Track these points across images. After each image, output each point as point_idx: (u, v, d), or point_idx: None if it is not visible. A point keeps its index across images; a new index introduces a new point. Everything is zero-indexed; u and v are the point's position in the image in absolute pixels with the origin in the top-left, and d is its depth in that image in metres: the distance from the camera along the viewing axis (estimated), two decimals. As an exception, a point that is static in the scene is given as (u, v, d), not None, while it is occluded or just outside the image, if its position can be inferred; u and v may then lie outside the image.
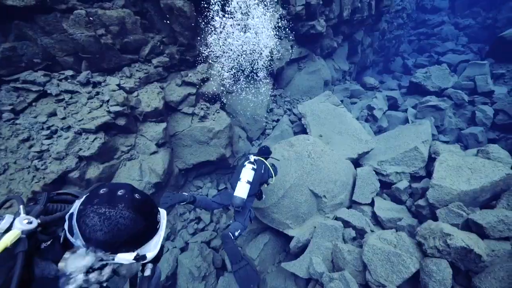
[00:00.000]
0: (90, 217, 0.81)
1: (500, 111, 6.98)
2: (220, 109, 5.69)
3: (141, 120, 4.48)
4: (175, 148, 5.26)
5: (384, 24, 12.05)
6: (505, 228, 3.28)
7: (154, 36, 4.55)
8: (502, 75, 8.42)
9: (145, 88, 4.55)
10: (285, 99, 8.45)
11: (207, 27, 4.65)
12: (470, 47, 12.74)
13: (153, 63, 4.63)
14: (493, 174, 3.83)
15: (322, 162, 4.85)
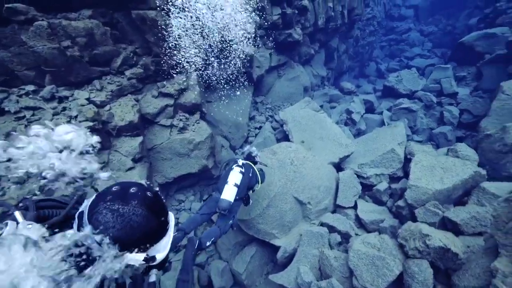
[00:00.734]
0: (103, 214, 0.81)
1: (465, 110, 7.52)
2: (200, 120, 5.56)
3: (115, 135, 4.23)
4: (153, 162, 5.03)
5: (357, 32, 12.67)
6: (477, 224, 3.47)
7: (126, 47, 4.37)
8: (464, 78, 9.13)
9: (118, 101, 4.32)
10: (266, 106, 8.49)
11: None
12: (434, 52, 13.75)
13: (126, 75, 4.43)
14: (463, 172, 4.06)
15: (305, 168, 4.88)
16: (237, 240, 4.81)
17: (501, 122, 5.25)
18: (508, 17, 9.52)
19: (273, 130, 7.45)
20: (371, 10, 13.87)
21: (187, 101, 5.17)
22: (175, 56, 4.68)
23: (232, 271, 4.59)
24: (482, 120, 5.98)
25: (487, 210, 3.52)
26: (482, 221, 3.45)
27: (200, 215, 3.44)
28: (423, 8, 16.75)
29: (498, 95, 5.75)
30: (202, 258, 4.88)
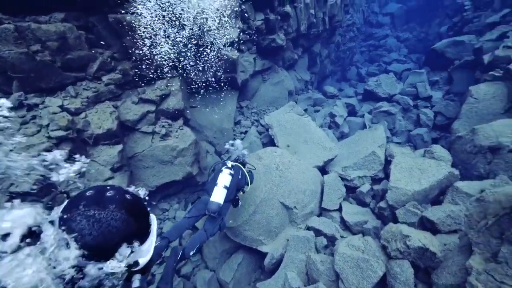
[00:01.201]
0: (76, 221, 0.76)
1: (438, 113, 7.97)
2: (184, 125, 5.43)
3: (92, 143, 4.02)
4: (135, 170, 4.83)
5: (338, 37, 13.10)
6: (452, 222, 3.65)
7: (103, 51, 4.18)
8: (437, 82, 9.71)
9: (95, 108, 4.12)
10: (252, 110, 8.49)
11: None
12: (410, 57, 14.53)
13: (103, 81, 4.23)
14: (438, 173, 4.27)
15: (291, 173, 4.91)
16: (224, 248, 4.72)
17: (471, 124, 5.61)
18: (474, 25, 10.28)
19: (259, 135, 7.45)
20: (351, 17, 14.43)
21: (170, 107, 5.04)
22: (155, 61, 4.55)
23: (219, 281, 4.49)
24: (454, 122, 6.36)
25: (460, 209, 3.72)
26: (457, 219, 3.63)
27: (187, 218, 3.35)
28: (399, 16, 17.70)
29: (467, 98, 6.15)
30: (188, 268, 4.73)
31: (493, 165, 4.38)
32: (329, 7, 9.65)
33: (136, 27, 4.10)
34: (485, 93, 5.83)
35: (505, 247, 2.28)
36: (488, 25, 9.09)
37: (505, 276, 2.11)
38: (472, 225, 2.67)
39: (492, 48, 7.63)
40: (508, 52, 6.53)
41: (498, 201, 2.48)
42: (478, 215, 2.65)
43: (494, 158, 4.35)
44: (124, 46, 4.27)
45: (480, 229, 2.58)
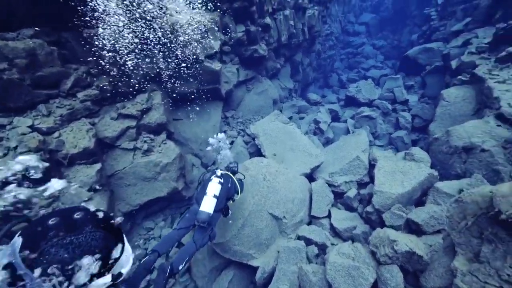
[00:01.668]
0: (52, 254, 0.72)
1: (416, 116, 8.37)
2: (167, 139, 5.29)
3: (67, 164, 3.78)
4: (115, 189, 4.59)
5: (318, 46, 13.59)
6: (436, 222, 3.76)
7: (78, 67, 4.02)
8: (412, 86, 10.26)
9: (70, 127, 3.91)
10: (237, 120, 8.47)
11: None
12: (386, 63, 15.33)
13: (79, 97, 4.04)
14: (419, 175, 4.43)
15: (278, 182, 4.88)
16: (213, 265, 4.54)
17: (445, 126, 5.92)
18: (441, 33, 11.06)
19: (245, 144, 7.41)
20: (329, 26, 15.06)
21: (152, 121, 4.90)
22: (134, 75, 4.44)
23: (210, 301, 4.29)
24: (430, 124, 6.69)
25: (442, 209, 3.84)
26: (440, 219, 3.74)
27: (177, 230, 3.24)
28: (373, 25, 18.73)
29: (440, 102, 6.52)
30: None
31: (468, 164, 4.61)
32: (308, 18, 10.02)
33: (112, 42, 3.99)
34: (455, 96, 6.21)
35: (485, 247, 2.36)
36: (453, 33, 9.82)
37: (488, 276, 2.17)
38: (454, 226, 2.75)
39: (459, 54, 8.22)
40: (472, 57, 7.05)
41: (475, 201, 2.58)
42: (458, 216, 2.74)
43: (468, 158, 4.59)
44: (101, 61, 4.13)
45: (461, 230, 2.66)
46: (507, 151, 4.01)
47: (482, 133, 4.50)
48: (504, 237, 2.19)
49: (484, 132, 4.50)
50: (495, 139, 4.27)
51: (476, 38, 8.12)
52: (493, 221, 2.30)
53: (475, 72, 6.07)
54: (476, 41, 7.95)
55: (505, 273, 2.10)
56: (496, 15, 8.17)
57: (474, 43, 7.81)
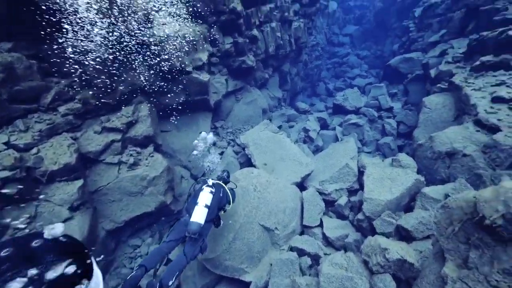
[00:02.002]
0: None
1: (400, 122, 8.64)
2: (155, 152, 5.16)
3: (46, 181, 3.58)
4: (99, 206, 4.38)
5: (305, 56, 13.98)
6: (424, 228, 3.80)
7: (59, 80, 3.89)
8: (395, 94, 10.66)
9: (50, 142, 3.73)
10: (227, 130, 8.43)
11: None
12: (370, 72, 15.93)
13: (60, 111, 3.90)
14: (406, 181, 4.51)
15: (269, 193, 4.83)
16: (204, 283, 4.35)
17: (428, 132, 6.13)
18: (419, 44, 11.67)
19: (236, 155, 7.35)
20: (315, 38, 15.58)
21: (138, 134, 4.78)
22: (119, 87, 4.36)
23: (201, 321, 4.08)
24: (414, 130, 6.91)
25: (430, 214, 3.91)
26: (428, 225, 3.80)
27: (166, 243, 3.11)
28: (357, 36, 19.57)
29: (422, 109, 6.78)
30: (165, 311, 4.24)
31: (452, 169, 4.75)
32: (294, 30, 10.33)
33: (97, 53, 3.92)
34: (436, 103, 6.48)
35: (473, 252, 2.39)
36: (430, 43, 10.38)
37: (477, 283, 2.18)
38: (441, 232, 2.78)
39: (437, 63, 8.66)
40: (449, 66, 7.44)
41: (460, 207, 2.63)
42: (445, 222, 2.77)
43: (451, 163, 4.74)
44: (85, 74, 4.03)
45: (448, 236, 2.69)
46: (487, 155, 4.18)
47: (463, 139, 4.68)
48: (490, 242, 2.23)
49: (464, 137, 4.68)
50: (475, 144, 4.45)
51: (452, 49, 8.62)
52: (478, 226, 2.34)
53: (453, 81, 6.39)
54: (452, 51, 8.43)
55: (493, 278, 2.12)
56: (469, 27, 8.74)
57: (450, 53, 8.27)
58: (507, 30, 5.79)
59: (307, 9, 10.99)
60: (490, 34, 6.30)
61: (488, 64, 5.93)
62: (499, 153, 3.98)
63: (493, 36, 6.19)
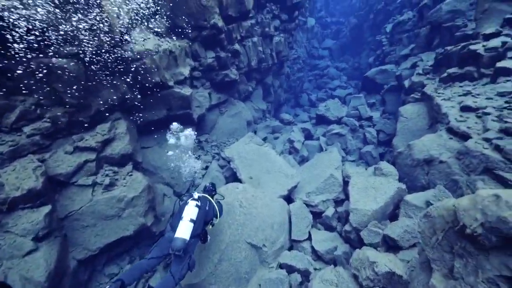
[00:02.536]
0: None
1: (380, 131, 8.99)
2: (134, 170, 4.89)
3: (6, 210, 3.22)
4: (70, 233, 4.00)
5: (287, 69, 14.39)
6: (410, 236, 3.84)
7: (25, 99, 3.62)
8: (373, 104, 11.17)
9: (13, 166, 3.40)
10: (211, 144, 8.28)
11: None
12: (349, 83, 16.69)
13: (25, 132, 3.59)
14: (389, 189, 4.59)
15: (255, 208, 4.70)
16: (189, 311, 4.03)
17: (406, 139, 6.39)
18: (392, 56, 12.46)
19: (221, 169, 7.19)
20: (296, 51, 16.16)
21: (115, 152, 4.51)
22: (94, 103, 4.14)
23: None
24: (393, 138, 7.18)
25: (414, 222, 3.96)
26: (413, 233, 3.84)
27: (147, 260, 2.88)
28: (335, 49, 20.60)
29: (399, 118, 7.10)
30: None
31: (431, 176, 4.92)
32: (275, 44, 10.63)
33: (70, 70, 3.71)
34: (411, 113, 6.81)
35: (457, 262, 2.40)
36: (402, 56, 11.11)
37: (464, 294, 2.18)
38: (426, 242, 2.79)
39: (409, 75, 9.23)
40: (420, 78, 7.93)
41: (441, 215, 2.67)
42: (429, 231, 2.80)
43: (430, 170, 4.92)
44: (54, 91, 3.78)
45: (433, 245, 2.70)
46: (461, 161, 4.39)
47: (438, 146, 4.90)
48: (473, 251, 2.25)
49: (439, 145, 4.91)
50: (450, 151, 4.67)
51: (421, 61, 9.26)
52: (460, 235, 2.37)
53: (425, 91, 6.79)
54: (421, 63, 9.04)
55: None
56: (434, 42, 9.48)
57: (420, 66, 8.87)
58: (468, 44, 6.33)
59: (287, 25, 11.42)
60: (454, 49, 6.85)
61: (454, 76, 6.39)
62: (471, 159, 4.19)
63: (456, 50, 6.73)
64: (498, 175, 3.75)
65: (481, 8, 6.73)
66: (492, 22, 6.40)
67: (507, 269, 2.01)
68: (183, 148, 4.86)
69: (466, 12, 8.40)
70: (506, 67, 5.20)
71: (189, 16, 6.71)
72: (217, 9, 7.00)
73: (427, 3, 10.84)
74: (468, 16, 8.25)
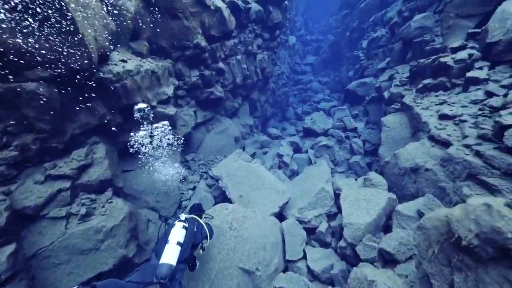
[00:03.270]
0: None
1: (366, 141, 9.18)
2: (114, 196, 4.56)
3: (-40, 254, 2.81)
4: (39, 274, 3.56)
5: (272, 84, 14.71)
6: (405, 249, 3.75)
7: (-11, 126, 3.33)
8: (357, 115, 11.52)
9: (-29, 201, 3.03)
10: (199, 163, 8.05)
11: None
12: (333, 96, 17.28)
13: (-12, 162, 3.26)
14: (380, 200, 4.56)
15: (246, 229, 4.47)
16: None
17: (391, 149, 6.52)
18: (370, 70, 13.12)
19: (209, 188, 6.92)
20: (279, 67, 16.67)
21: (92, 179, 4.21)
22: (70, 128, 3.89)
23: None
24: (379, 147, 7.31)
25: (408, 233, 3.90)
26: (408, 245, 3.76)
27: (125, 282, 2.49)
28: (316, 65, 21.52)
29: (382, 128, 7.29)
30: None
31: (418, 184, 4.97)
32: (259, 61, 10.90)
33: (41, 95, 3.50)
34: (393, 122, 7.03)
35: (457, 276, 2.31)
36: (379, 69, 11.72)
37: (468, 311, 2.07)
38: (423, 256, 2.70)
39: (388, 86, 9.67)
40: (398, 89, 8.31)
41: (435, 227, 2.62)
42: (424, 244, 2.72)
43: (417, 178, 4.97)
44: (24, 117, 3.52)
45: (430, 259, 2.61)
46: (445, 168, 4.47)
47: (423, 154, 5.01)
48: (471, 264, 2.18)
49: (423, 153, 5.02)
50: (434, 159, 4.77)
51: (398, 74, 9.77)
52: (457, 247, 2.31)
53: (404, 101, 7.08)
54: (398, 76, 9.54)
55: (482, 304, 2.02)
56: (408, 55, 10.11)
57: (397, 78, 9.34)
58: (438, 57, 6.76)
59: (269, 43, 11.82)
60: (426, 61, 7.29)
61: (429, 86, 6.74)
62: (455, 165, 4.28)
63: (428, 63, 7.16)
64: (482, 180, 3.82)
65: (446, 24, 7.30)
66: (457, 37, 6.93)
67: (507, 282, 1.94)
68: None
69: (432, 28, 9.10)
70: (475, 77, 5.54)
71: (172, 37, 6.75)
72: (199, 29, 7.11)
73: (397, 21, 11.71)
74: (435, 31, 8.93)
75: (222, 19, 7.64)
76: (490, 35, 5.52)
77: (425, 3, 10.35)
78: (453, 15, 6.97)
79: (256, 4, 9.83)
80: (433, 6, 9.95)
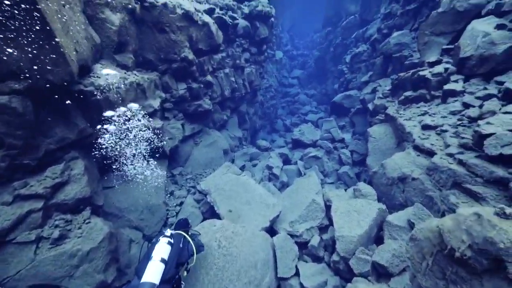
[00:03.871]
0: None
1: (353, 151, 9.33)
2: (93, 216, 4.24)
3: None
4: (0, 309, 3.14)
5: (260, 97, 14.90)
6: (399, 261, 3.68)
7: (-49, 143, 3.03)
8: (344, 126, 11.80)
9: None
10: (186, 177, 7.78)
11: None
12: (320, 108, 17.72)
13: None
14: (371, 211, 4.53)
15: (236, 247, 4.25)
16: None
17: (378, 159, 6.63)
18: (354, 83, 13.64)
19: (197, 203, 6.65)
20: (267, 80, 17.00)
21: (68, 198, 3.90)
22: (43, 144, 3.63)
23: None
24: (366, 158, 7.43)
25: (400, 245, 3.85)
26: (401, 257, 3.70)
27: None
28: (303, 78, 22.19)
29: (369, 138, 7.45)
30: None
31: (407, 193, 5.02)
32: (247, 75, 11.05)
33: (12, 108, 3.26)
34: (379, 133, 7.21)
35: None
36: (363, 82, 12.21)
37: (467, 328, 1.99)
38: (417, 269, 2.64)
39: (371, 99, 10.04)
40: (382, 101, 8.63)
41: (427, 238, 2.59)
42: (418, 256, 2.67)
43: (405, 187, 5.03)
44: (-8, 132, 3.25)
45: (424, 272, 2.55)
46: (431, 177, 4.56)
47: (409, 163, 5.11)
48: (465, 276, 2.14)
49: (409, 162, 5.12)
50: (420, 168, 4.87)
51: (380, 86, 10.20)
52: (450, 259, 2.26)
53: (388, 112, 7.33)
54: (380, 88, 9.95)
55: (480, 319, 1.96)
56: (389, 69, 10.64)
57: (380, 90, 9.74)
58: (417, 71, 7.13)
59: (257, 57, 12.07)
60: (406, 75, 7.67)
61: (410, 98, 7.04)
62: (440, 174, 4.38)
63: (408, 76, 7.53)
64: (466, 188, 3.90)
65: (422, 41, 7.79)
66: (433, 52, 7.39)
67: (503, 294, 1.90)
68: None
69: (410, 44, 9.69)
70: (451, 89, 5.85)
71: (159, 50, 6.71)
72: (187, 43, 7.13)
73: (377, 37, 12.41)
74: (413, 47, 9.50)
75: (210, 33, 7.74)
76: (462, 51, 5.92)
77: (401, 22, 11.08)
78: (428, 33, 7.47)
79: (243, 20, 10.11)
80: (409, 24, 10.66)
